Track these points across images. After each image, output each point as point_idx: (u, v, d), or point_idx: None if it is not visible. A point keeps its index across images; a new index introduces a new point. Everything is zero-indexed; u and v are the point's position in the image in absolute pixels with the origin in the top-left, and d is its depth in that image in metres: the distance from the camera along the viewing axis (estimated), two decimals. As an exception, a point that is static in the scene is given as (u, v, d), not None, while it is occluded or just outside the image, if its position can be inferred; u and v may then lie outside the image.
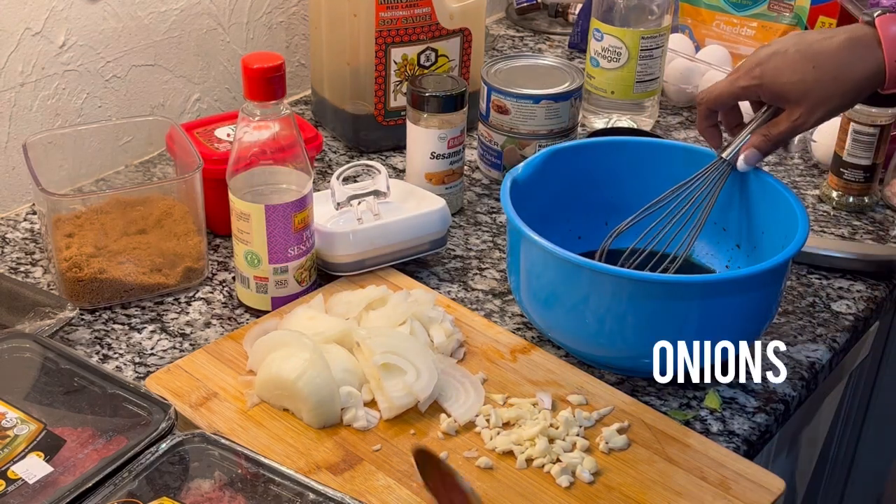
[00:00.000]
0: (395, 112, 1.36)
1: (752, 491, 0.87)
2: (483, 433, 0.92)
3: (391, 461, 0.89)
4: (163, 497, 0.80)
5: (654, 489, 0.88)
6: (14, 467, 0.82)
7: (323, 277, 1.11)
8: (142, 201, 1.12)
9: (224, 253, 1.18)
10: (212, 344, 1.01)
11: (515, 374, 0.99)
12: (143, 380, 0.99)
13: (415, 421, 0.93)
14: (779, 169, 1.38)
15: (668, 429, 0.94)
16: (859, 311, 1.13)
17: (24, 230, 1.21)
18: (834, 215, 1.29)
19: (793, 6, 1.51)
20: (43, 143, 1.15)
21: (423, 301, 1.03)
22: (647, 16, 1.36)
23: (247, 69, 0.97)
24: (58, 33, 1.20)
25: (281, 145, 1.00)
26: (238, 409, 0.93)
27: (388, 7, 1.28)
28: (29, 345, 0.94)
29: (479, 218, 1.26)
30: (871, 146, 1.25)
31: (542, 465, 0.89)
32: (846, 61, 0.96)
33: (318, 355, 0.92)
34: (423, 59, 1.34)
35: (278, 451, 0.89)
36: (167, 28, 1.31)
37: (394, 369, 0.94)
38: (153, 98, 1.33)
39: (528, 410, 0.94)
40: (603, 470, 0.89)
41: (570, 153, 1.12)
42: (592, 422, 0.94)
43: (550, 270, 0.97)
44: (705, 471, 0.89)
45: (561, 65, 1.33)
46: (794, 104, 0.98)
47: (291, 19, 1.47)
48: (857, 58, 0.96)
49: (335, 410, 0.92)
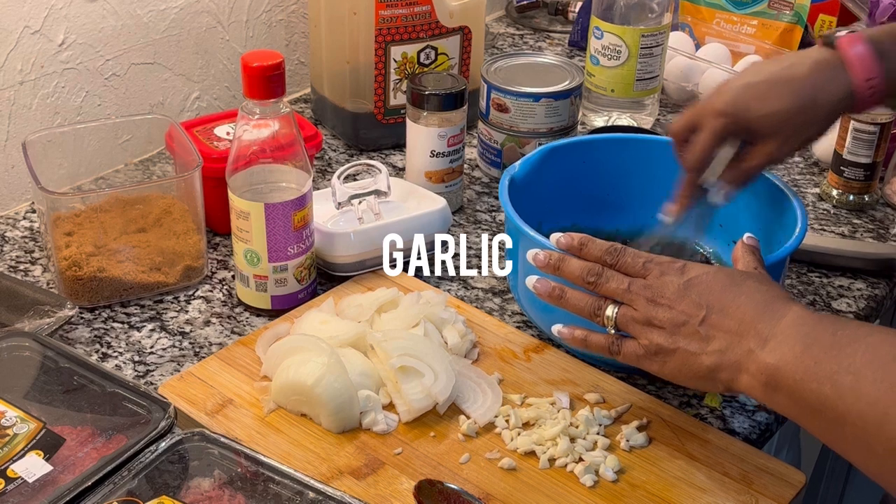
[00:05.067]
0: (394, 110, 1.36)
1: (774, 485, 0.88)
2: (503, 434, 0.92)
3: (413, 464, 0.89)
4: (162, 496, 0.80)
5: (677, 486, 0.88)
6: (13, 466, 0.82)
7: (324, 277, 1.11)
8: (141, 200, 1.12)
9: (224, 251, 1.18)
10: (223, 350, 1.00)
11: (531, 373, 0.99)
12: (143, 378, 0.99)
13: (434, 423, 0.93)
14: (779, 167, 1.38)
15: (686, 425, 0.94)
16: (860, 309, 1.13)
17: (23, 229, 1.20)
18: (834, 213, 1.29)
19: (793, 4, 1.51)
20: (42, 141, 1.15)
21: (434, 302, 1.03)
22: (647, 14, 1.36)
23: (246, 67, 0.96)
24: (57, 31, 1.20)
25: (280, 144, 1.00)
26: (255, 416, 0.93)
27: (387, 5, 1.28)
28: (28, 343, 0.94)
29: (478, 216, 1.26)
30: (872, 144, 1.25)
31: (565, 464, 0.89)
32: (819, 85, 0.93)
33: (336, 359, 0.92)
34: (422, 57, 1.34)
35: (299, 457, 0.89)
36: (167, 26, 1.31)
37: (411, 372, 0.94)
38: (153, 96, 1.33)
39: (547, 410, 0.94)
40: (626, 468, 0.89)
41: (567, 150, 1.11)
42: (611, 420, 0.94)
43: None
44: (727, 466, 0.90)
45: (561, 63, 1.33)
46: (767, 137, 0.95)
47: (291, 17, 1.47)
48: (827, 80, 0.93)
49: (354, 415, 0.92)
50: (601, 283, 0.87)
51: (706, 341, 0.81)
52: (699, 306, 0.82)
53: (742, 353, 0.79)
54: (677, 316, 0.83)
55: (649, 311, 0.84)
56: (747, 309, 0.80)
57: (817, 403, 0.74)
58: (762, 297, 0.81)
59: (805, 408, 0.76)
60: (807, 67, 0.94)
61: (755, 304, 0.80)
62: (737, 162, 0.98)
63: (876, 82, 0.92)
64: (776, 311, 0.79)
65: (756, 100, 0.94)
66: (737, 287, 0.82)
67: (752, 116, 0.94)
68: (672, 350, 0.83)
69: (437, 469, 0.88)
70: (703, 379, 0.83)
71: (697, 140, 0.98)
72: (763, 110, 0.94)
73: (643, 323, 0.85)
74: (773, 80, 0.94)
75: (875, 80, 0.92)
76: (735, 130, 0.96)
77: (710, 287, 0.83)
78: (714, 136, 0.96)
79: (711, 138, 0.96)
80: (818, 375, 0.74)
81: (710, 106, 0.97)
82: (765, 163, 0.97)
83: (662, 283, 0.84)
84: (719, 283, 0.83)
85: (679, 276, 0.84)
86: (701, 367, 0.82)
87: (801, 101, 0.93)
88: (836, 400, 0.73)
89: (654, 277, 0.85)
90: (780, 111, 0.93)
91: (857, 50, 0.92)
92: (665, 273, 0.85)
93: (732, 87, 0.96)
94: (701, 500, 0.87)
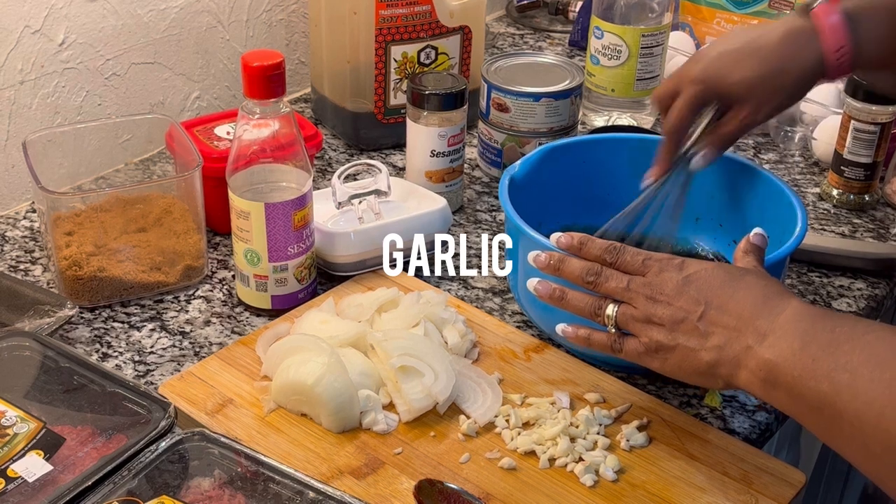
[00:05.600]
0: (395, 110, 1.36)
1: (774, 485, 0.88)
2: (504, 434, 0.92)
3: (413, 464, 0.89)
4: (162, 495, 0.80)
5: (677, 486, 0.88)
6: (14, 465, 0.82)
7: (324, 277, 1.11)
8: (141, 199, 1.12)
9: (224, 251, 1.18)
10: (223, 350, 1.01)
11: (531, 373, 0.99)
12: (143, 378, 0.99)
13: (434, 423, 0.93)
14: (779, 167, 1.38)
15: (686, 425, 0.94)
16: (860, 309, 1.13)
17: (23, 228, 1.20)
18: (834, 213, 1.29)
19: (793, 3, 1.51)
20: (42, 141, 1.15)
21: (435, 302, 1.03)
22: (647, 13, 1.36)
23: (246, 67, 0.96)
24: (57, 31, 1.20)
25: (281, 143, 1.00)
26: (255, 416, 0.93)
27: (388, 5, 1.28)
28: (28, 343, 0.94)
29: (479, 216, 1.26)
30: (872, 144, 1.25)
31: (565, 464, 0.89)
32: (788, 54, 0.96)
33: (336, 359, 0.92)
34: (423, 56, 1.34)
35: (299, 457, 0.89)
36: (167, 26, 1.31)
37: (411, 371, 0.94)
38: (153, 96, 1.33)
39: (547, 410, 0.94)
40: (626, 468, 0.89)
41: (566, 150, 1.11)
42: (611, 420, 0.94)
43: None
44: (727, 466, 0.90)
45: (561, 63, 1.33)
46: (741, 103, 0.98)
47: (291, 17, 1.47)
48: (798, 49, 0.96)
49: (354, 414, 0.92)
50: (600, 282, 0.87)
51: (705, 337, 0.81)
52: (697, 302, 0.82)
53: (741, 349, 0.79)
54: (676, 312, 0.83)
55: (648, 309, 0.84)
56: (746, 304, 0.81)
57: (815, 401, 0.74)
58: (761, 292, 0.81)
59: (803, 405, 0.76)
60: (777, 36, 0.97)
61: (753, 299, 0.81)
62: (715, 127, 1.01)
63: (845, 51, 0.95)
64: (775, 307, 0.79)
65: (727, 68, 0.98)
66: (735, 282, 0.82)
67: (724, 84, 0.98)
68: (672, 347, 0.83)
69: (437, 469, 0.88)
70: (703, 375, 0.83)
71: (675, 106, 1.01)
72: (733, 77, 0.97)
73: (643, 321, 0.85)
74: (743, 49, 0.98)
75: (844, 48, 0.95)
76: (710, 97, 1.00)
77: (708, 283, 0.83)
78: (690, 103, 1.00)
79: (688, 104, 1.00)
80: (816, 373, 0.74)
81: (686, 73, 1.01)
82: (740, 127, 1.00)
83: (661, 279, 0.84)
84: (718, 279, 0.83)
85: (678, 272, 0.84)
86: (700, 363, 0.82)
87: (769, 68, 0.96)
88: (834, 397, 0.73)
89: (654, 274, 0.85)
90: (748, 78, 0.97)
91: (831, 20, 0.95)
92: (664, 270, 0.85)
93: (707, 55, 1.00)
94: (701, 499, 0.87)
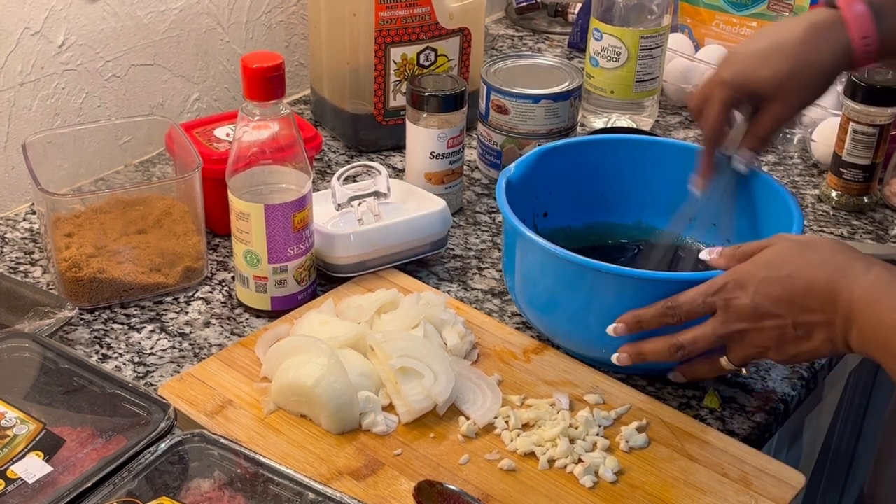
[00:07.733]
0: (394, 111, 1.36)
1: (773, 486, 0.88)
2: (503, 435, 0.92)
3: (413, 465, 0.89)
4: (162, 497, 0.80)
5: (676, 487, 0.88)
6: (13, 467, 0.82)
7: (324, 278, 1.11)
8: (141, 201, 1.12)
9: (223, 252, 1.18)
10: (223, 351, 1.01)
11: (530, 374, 0.99)
12: (143, 379, 0.99)
13: (434, 424, 0.93)
14: (778, 168, 1.38)
15: (685, 426, 0.94)
16: (859, 310, 1.13)
17: (23, 230, 1.21)
18: (833, 215, 1.29)
19: (792, 6, 1.51)
20: (42, 142, 1.15)
21: (434, 303, 1.03)
22: (646, 15, 1.36)
23: (246, 69, 0.97)
24: (57, 33, 1.20)
25: (280, 145, 1.00)
26: (255, 417, 0.93)
27: (387, 7, 1.28)
28: (28, 344, 0.94)
29: (478, 217, 1.26)
30: (871, 146, 1.25)
31: (564, 465, 0.89)
32: (814, 47, 0.97)
33: (336, 360, 0.92)
34: (422, 58, 1.34)
35: (299, 458, 0.89)
36: (166, 27, 1.31)
37: (411, 373, 0.94)
38: (152, 97, 1.33)
39: (547, 411, 0.94)
40: (625, 469, 0.89)
41: (561, 152, 1.11)
42: (611, 421, 0.94)
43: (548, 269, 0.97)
44: (726, 467, 0.90)
45: (560, 64, 1.33)
46: (772, 100, 0.99)
47: (291, 19, 1.47)
48: (823, 41, 0.97)
49: (354, 416, 0.92)
50: (695, 350, 0.91)
51: (809, 338, 0.85)
52: (779, 316, 0.85)
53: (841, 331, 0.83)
54: (771, 334, 0.87)
55: (747, 344, 0.88)
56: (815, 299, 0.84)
57: None
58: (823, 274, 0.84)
59: None
60: (801, 30, 0.98)
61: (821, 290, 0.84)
62: (749, 127, 1.02)
63: (871, 40, 0.96)
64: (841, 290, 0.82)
65: (755, 67, 0.99)
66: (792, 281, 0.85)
67: (754, 83, 0.99)
68: (794, 355, 0.88)
69: (437, 470, 0.89)
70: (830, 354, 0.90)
71: (708, 111, 1.02)
72: (762, 76, 0.99)
73: (755, 355, 0.90)
74: (769, 47, 0.99)
75: (870, 38, 0.96)
76: (741, 98, 1.01)
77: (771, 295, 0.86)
78: (722, 106, 1.01)
79: (721, 108, 1.01)
80: None
81: (716, 77, 1.02)
82: (775, 125, 1.01)
83: (734, 312, 0.87)
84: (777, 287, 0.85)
85: (742, 294, 0.87)
86: (822, 354, 0.87)
87: (796, 63, 0.97)
88: None
89: (723, 311, 0.88)
90: (777, 75, 0.98)
91: (855, 9, 0.96)
92: (729, 301, 0.87)
93: (734, 57, 1.01)
94: (700, 500, 0.87)
